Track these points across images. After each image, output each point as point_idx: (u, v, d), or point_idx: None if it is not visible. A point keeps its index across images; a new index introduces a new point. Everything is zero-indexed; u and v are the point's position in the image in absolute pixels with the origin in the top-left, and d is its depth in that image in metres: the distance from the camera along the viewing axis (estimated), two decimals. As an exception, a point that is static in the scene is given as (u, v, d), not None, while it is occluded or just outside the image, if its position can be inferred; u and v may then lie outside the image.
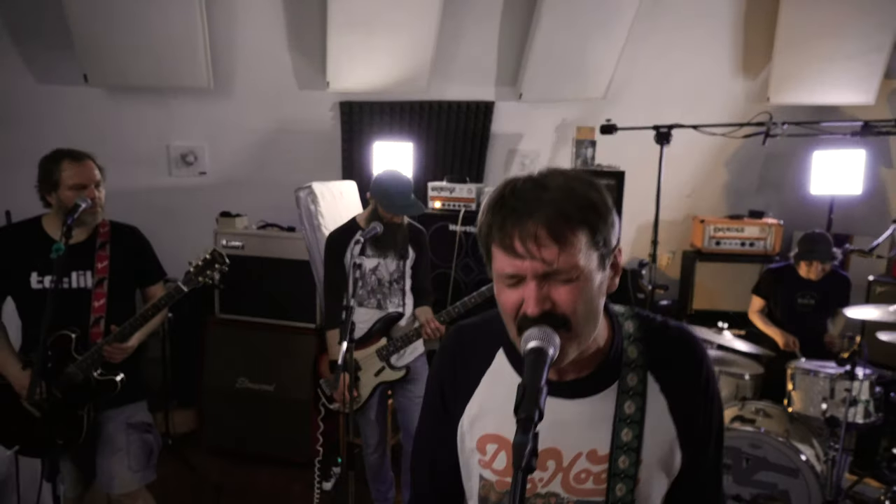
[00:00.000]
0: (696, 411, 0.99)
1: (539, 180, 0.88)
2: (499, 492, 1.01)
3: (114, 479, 2.24)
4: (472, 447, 1.03)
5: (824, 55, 4.02)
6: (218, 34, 3.34)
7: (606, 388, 0.97)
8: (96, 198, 2.15)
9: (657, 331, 1.02)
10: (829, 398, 2.83)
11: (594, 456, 0.97)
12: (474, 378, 1.04)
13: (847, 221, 4.58)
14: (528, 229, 0.83)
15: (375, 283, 2.68)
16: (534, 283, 0.85)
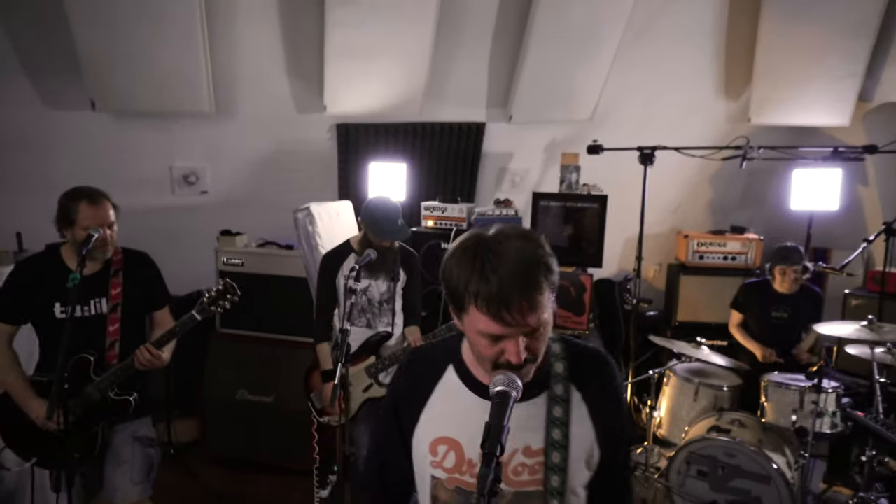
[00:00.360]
0: (610, 417, 1.19)
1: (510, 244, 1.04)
2: (448, 489, 1.19)
3: (117, 490, 2.36)
4: (425, 451, 1.20)
5: (801, 80, 4.20)
6: (220, 61, 3.49)
7: (538, 396, 1.16)
8: (108, 236, 2.27)
9: (578, 352, 1.23)
10: (799, 409, 2.99)
11: (529, 451, 1.16)
12: (426, 391, 1.22)
13: (826, 236, 4.76)
14: (514, 306, 1.01)
15: (366, 302, 2.81)
16: (518, 340, 1.04)
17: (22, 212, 3.43)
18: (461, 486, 1.17)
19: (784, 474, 2.93)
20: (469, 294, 1.03)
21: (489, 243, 1.04)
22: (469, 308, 1.05)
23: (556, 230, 3.45)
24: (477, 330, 1.06)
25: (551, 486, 1.13)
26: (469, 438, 1.15)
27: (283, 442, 3.62)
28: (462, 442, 1.17)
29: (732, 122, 4.67)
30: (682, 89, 4.55)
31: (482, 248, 1.04)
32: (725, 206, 5.19)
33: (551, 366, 1.18)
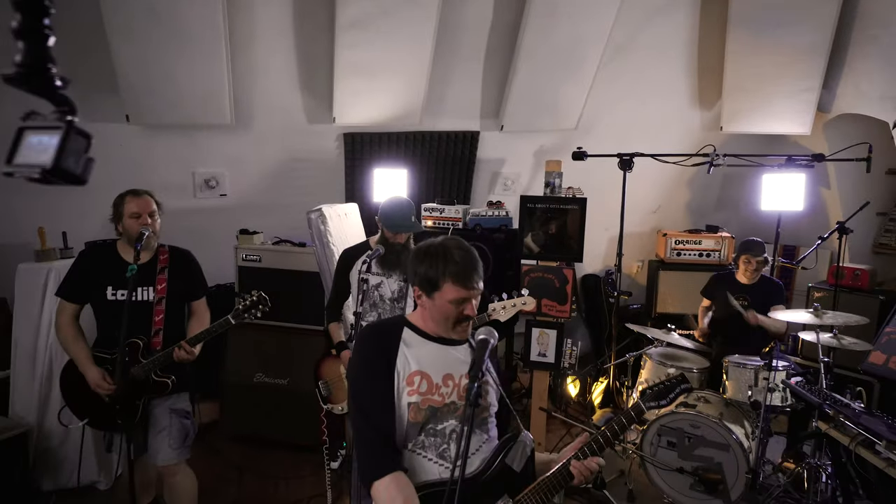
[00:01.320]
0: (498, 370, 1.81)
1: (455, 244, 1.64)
2: (421, 409, 1.60)
3: (158, 453, 2.75)
4: (403, 385, 1.61)
5: (766, 93, 4.62)
6: (240, 79, 3.88)
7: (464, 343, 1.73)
8: (149, 224, 2.67)
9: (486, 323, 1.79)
10: (754, 385, 3.39)
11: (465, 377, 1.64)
12: (393, 351, 1.64)
13: (793, 235, 5.18)
14: (473, 278, 1.60)
15: (378, 298, 2.97)
16: (472, 302, 1.62)
17: (63, 214, 3.81)
18: (432, 405, 1.61)
19: (742, 443, 3.33)
20: (444, 275, 1.58)
21: (444, 246, 1.63)
22: (443, 286, 1.58)
23: (542, 229, 3.84)
24: (448, 299, 1.59)
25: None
26: (434, 370, 1.63)
27: (297, 421, 3.99)
28: (430, 373, 1.63)
29: (706, 131, 5.08)
30: (660, 101, 4.96)
31: (441, 249, 1.62)
32: (702, 207, 5.61)
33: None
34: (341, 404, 3.07)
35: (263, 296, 2.74)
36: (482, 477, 1.59)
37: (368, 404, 1.60)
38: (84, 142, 0.84)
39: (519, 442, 1.60)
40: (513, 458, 1.58)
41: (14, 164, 0.80)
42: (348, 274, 3.05)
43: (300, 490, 3.61)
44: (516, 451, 1.59)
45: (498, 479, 1.59)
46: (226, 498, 3.52)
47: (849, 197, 4.92)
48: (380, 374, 1.61)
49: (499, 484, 1.58)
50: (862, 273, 4.68)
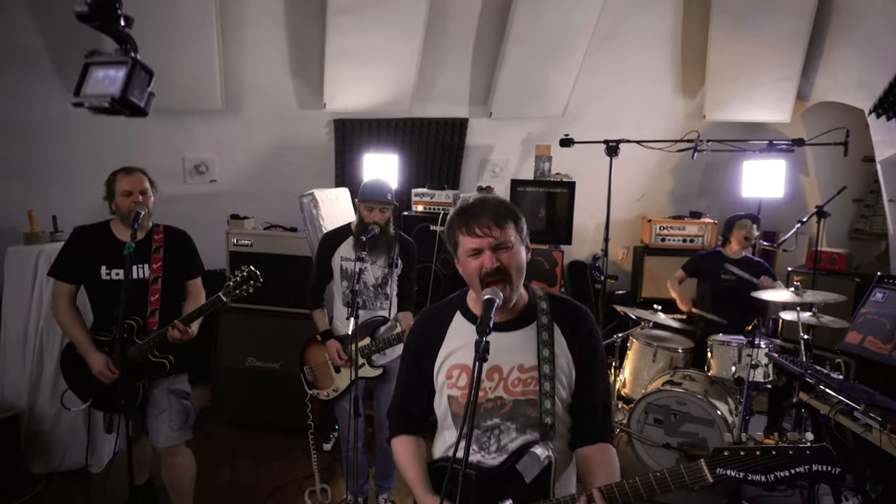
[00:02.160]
0: (582, 349, 1.55)
1: (481, 198, 1.50)
2: (461, 403, 1.53)
3: (159, 434, 2.74)
4: (443, 378, 1.55)
5: (747, 81, 4.74)
6: (230, 64, 3.88)
7: (527, 325, 1.54)
8: (142, 202, 2.64)
9: (561, 300, 1.62)
10: (737, 362, 3.51)
11: (522, 368, 1.51)
12: (441, 335, 1.58)
13: (773, 221, 5.32)
14: (482, 221, 1.42)
15: (361, 285, 2.91)
16: (489, 251, 1.43)
17: (52, 200, 3.78)
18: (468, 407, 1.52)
19: (726, 419, 3.43)
20: (456, 228, 1.47)
21: (472, 200, 1.50)
22: (459, 240, 1.46)
23: (532, 212, 3.91)
24: (464, 252, 1.46)
25: (544, 389, 1.48)
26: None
27: (289, 404, 3.96)
28: (471, 366, 1.44)
29: (690, 119, 5.19)
30: (645, 89, 5.06)
31: (467, 202, 1.50)
32: (685, 195, 5.73)
33: (537, 305, 1.56)
34: (326, 390, 3.04)
35: (254, 271, 2.72)
36: (496, 472, 1.49)
37: (404, 380, 1.68)
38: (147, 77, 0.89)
39: (531, 454, 1.43)
40: (524, 467, 1.43)
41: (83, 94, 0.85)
42: (330, 258, 3.00)
43: (292, 471, 3.64)
44: (528, 462, 1.43)
45: (509, 481, 1.45)
46: (218, 480, 3.54)
47: (826, 183, 5.07)
48: (418, 363, 1.61)
49: (510, 486, 1.45)
50: (839, 256, 4.84)
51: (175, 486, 2.88)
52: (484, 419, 1.52)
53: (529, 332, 1.54)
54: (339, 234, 3.03)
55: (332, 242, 3.01)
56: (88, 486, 3.42)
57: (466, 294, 1.62)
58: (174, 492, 2.90)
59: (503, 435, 1.52)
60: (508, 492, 1.44)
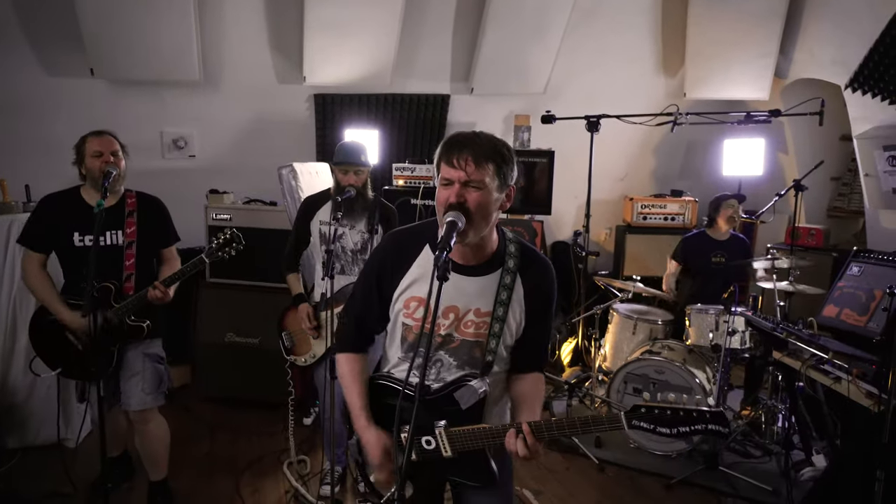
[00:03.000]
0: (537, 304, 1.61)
1: (476, 133, 1.49)
2: (413, 332, 1.60)
3: (131, 398, 2.71)
4: (401, 307, 1.60)
5: (726, 59, 4.78)
6: (208, 34, 3.85)
7: (493, 273, 1.57)
8: (112, 163, 2.58)
9: (529, 251, 1.63)
10: (715, 330, 3.53)
11: (478, 312, 1.57)
12: (406, 264, 1.59)
13: (754, 200, 5.35)
14: (462, 154, 1.41)
15: (339, 249, 2.87)
16: (458, 185, 1.43)
17: (22, 172, 3.72)
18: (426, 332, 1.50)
19: (704, 386, 3.46)
20: (440, 154, 1.47)
21: (468, 132, 1.48)
22: (441, 166, 1.47)
23: (511, 183, 3.90)
24: (439, 181, 1.48)
25: (493, 330, 1.56)
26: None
27: (269, 379, 3.95)
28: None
29: (670, 97, 5.21)
30: (625, 67, 5.08)
31: (462, 132, 1.48)
32: (667, 175, 5.77)
33: (506, 250, 1.59)
34: (304, 356, 3.03)
35: (237, 233, 2.70)
36: (433, 396, 1.57)
37: (360, 297, 1.69)
38: None
39: (469, 386, 1.53)
40: (461, 396, 1.53)
41: None
42: (308, 222, 2.98)
43: (272, 445, 3.62)
44: (465, 392, 1.53)
45: (445, 406, 1.54)
46: (196, 452, 3.51)
47: (805, 161, 5.12)
48: (378, 285, 1.63)
49: (445, 410, 1.54)
50: (817, 232, 4.90)
51: (148, 453, 2.85)
52: (431, 350, 1.58)
53: (493, 279, 1.57)
54: (318, 198, 3.02)
55: (312, 206, 2.99)
56: (64, 460, 3.36)
57: (436, 229, 1.58)
58: (147, 460, 2.87)
59: (444, 369, 1.61)
60: (443, 415, 1.54)
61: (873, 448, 1.85)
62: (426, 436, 1.54)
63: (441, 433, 1.52)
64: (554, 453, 3.58)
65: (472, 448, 1.52)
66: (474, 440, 1.51)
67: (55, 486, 3.00)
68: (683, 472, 3.28)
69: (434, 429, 1.52)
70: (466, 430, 1.51)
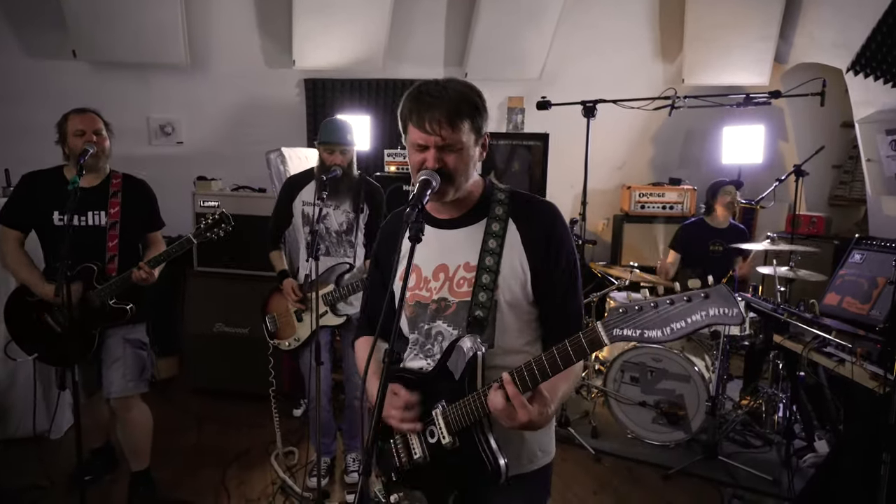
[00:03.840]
0: (542, 244, 1.37)
1: (443, 84, 1.34)
2: (409, 304, 1.44)
3: (112, 384, 2.61)
4: (397, 281, 1.39)
5: (725, 44, 4.69)
6: (194, 15, 3.75)
7: (478, 221, 1.40)
8: (96, 142, 2.50)
9: (524, 197, 1.44)
10: (713, 316, 3.43)
11: (468, 266, 1.38)
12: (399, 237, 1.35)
13: (753, 188, 5.25)
14: (434, 117, 1.26)
15: (324, 230, 2.80)
16: (434, 150, 1.30)
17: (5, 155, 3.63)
18: (419, 301, 1.43)
19: (703, 374, 3.37)
20: (407, 114, 1.31)
21: (433, 83, 1.34)
22: (408, 127, 1.32)
23: (504, 167, 3.82)
24: (410, 142, 1.34)
25: (481, 282, 1.35)
26: (425, 262, 1.40)
27: (259, 370, 3.85)
28: (420, 266, 1.42)
29: (668, 84, 5.09)
30: (623, 53, 4.99)
31: (425, 84, 1.32)
32: (666, 163, 5.67)
33: (493, 197, 1.41)
34: (288, 339, 2.94)
35: (226, 214, 2.62)
36: (431, 376, 1.37)
37: (369, 285, 1.66)
38: None
39: (458, 347, 1.31)
40: (453, 364, 1.31)
41: None
42: (291, 202, 2.90)
43: (260, 436, 3.53)
44: (456, 356, 1.31)
45: (443, 382, 1.34)
46: (183, 444, 3.42)
47: (806, 149, 5.00)
48: (379, 266, 1.57)
49: (443, 386, 1.33)
50: (818, 220, 4.81)
51: (129, 442, 2.77)
52: (428, 323, 1.43)
53: (479, 228, 1.40)
54: (302, 177, 2.92)
55: (295, 186, 2.91)
56: (39, 451, 3.25)
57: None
58: (129, 449, 2.79)
59: (445, 343, 1.41)
60: (442, 393, 1.33)
61: (879, 430, 1.76)
62: (429, 426, 1.34)
63: (437, 416, 1.32)
64: (549, 444, 3.50)
65: (467, 424, 1.28)
66: (467, 413, 1.28)
67: (35, 480, 2.90)
68: (682, 462, 3.20)
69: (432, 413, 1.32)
70: (458, 403, 1.29)
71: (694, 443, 3.39)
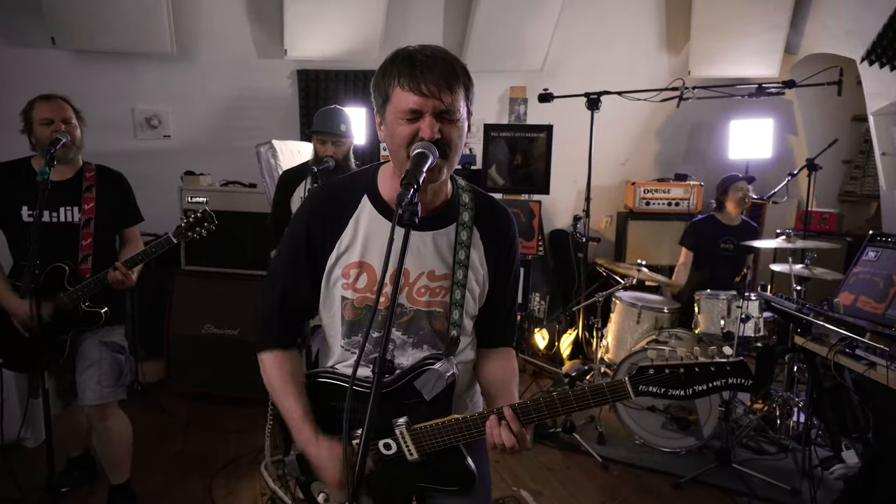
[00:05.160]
0: (502, 260, 1.36)
1: (433, 49, 1.19)
2: (357, 307, 1.30)
3: (86, 390, 2.42)
4: (339, 275, 1.29)
5: (733, 33, 4.53)
6: (181, 2, 3.58)
7: (447, 226, 1.30)
8: (64, 130, 2.31)
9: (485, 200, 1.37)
10: (727, 316, 3.28)
11: (432, 275, 1.29)
12: (342, 221, 1.28)
13: (762, 184, 5.10)
14: (432, 77, 1.12)
15: None
16: (430, 117, 1.14)
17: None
18: (369, 304, 1.28)
19: (714, 378, 3.21)
20: (393, 77, 1.15)
21: (417, 48, 1.19)
22: (393, 92, 1.16)
23: (506, 160, 3.66)
24: (398, 111, 1.16)
25: (455, 298, 1.28)
26: (380, 260, 1.16)
27: (249, 374, 3.69)
28: (374, 265, 1.27)
29: (674, 76, 4.93)
30: (627, 44, 4.83)
31: (411, 50, 1.18)
32: (671, 158, 5.51)
33: (459, 199, 1.32)
34: None
35: (209, 212, 2.44)
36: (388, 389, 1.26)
37: (286, 267, 1.35)
38: None
39: (432, 371, 1.25)
40: (423, 384, 1.26)
41: None
42: (289, 199, 2.78)
43: (251, 443, 3.36)
44: (429, 378, 1.25)
45: (404, 399, 1.27)
46: (168, 452, 3.25)
47: (816, 143, 4.87)
48: (308, 248, 1.30)
49: (404, 404, 1.27)
50: (830, 216, 4.65)
51: (106, 453, 2.58)
52: (379, 329, 1.27)
53: (447, 234, 1.30)
54: (297, 172, 2.79)
55: (290, 182, 2.78)
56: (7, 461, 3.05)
57: (375, 173, 1.32)
58: (106, 461, 2.60)
59: (397, 351, 1.32)
60: (404, 410, 1.26)
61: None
62: (384, 438, 1.26)
63: (403, 433, 1.24)
64: (554, 451, 3.34)
65: (443, 446, 1.24)
66: (444, 436, 1.24)
67: (5, 492, 2.72)
68: (694, 469, 3.04)
69: (393, 428, 1.24)
70: (434, 426, 1.24)
71: (706, 449, 3.23)
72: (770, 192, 4.49)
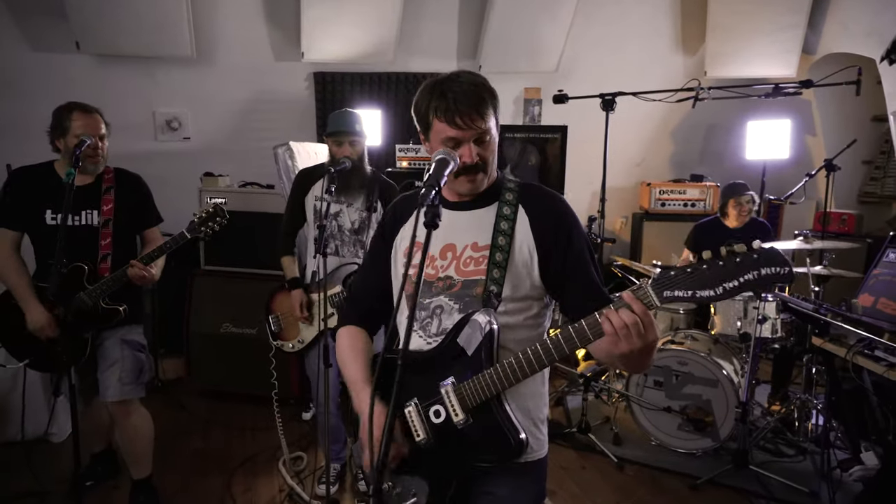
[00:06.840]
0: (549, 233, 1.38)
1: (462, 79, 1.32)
2: (413, 282, 1.37)
3: (108, 388, 2.48)
4: (401, 256, 1.48)
5: (749, 33, 4.50)
6: (200, 6, 3.64)
7: (490, 205, 1.42)
8: (99, 148, 2.41)
9: (534, 187, 1.47)
10: (743, 317, 3.26)
11: (475, 247, 1.40)
12: (406, 216, 1.50)
13: (779, 185, 5.06)
14: (464, 111, 1.28)
15: (335, 229, 2.70)
16: (470, 144, 1.31)
17: (4, 152, 3.54)
18: (426, 279, 1.42)
19: (731, 379, 3.19)
20: (432, 110, 1.31)
21: (447, 78, 1.33)
22: (433, 122, 1.32)
23: (521, 161, 3.66)
24: (440, 138, 1.32)
25: (494, 259, 1.37)
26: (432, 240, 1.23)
27: (267, 372, 3.76)
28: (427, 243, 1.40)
29: (689, 76, 4.90)
30: (642, 45, 4.81)
31: (441, 80, 1.33)
32: (686, 160, 5.49)
33: (504, 185, 1.45)
34: (291, 341, 2.82)
35: (221, 207, 2.48)
36: (434, 354, 1.35)
37: (370, 260, 1.61)
38: None
39: (472, 321, 1.30)
40: (465, 338, 1.30)
41: None
42: (303, 197, 2.78)
43: (268, 441, 3.40)
44: (469, 330, 1.30)
45: (450, 359, 1.32)
46: (188, 449, 3.30)
47: (835, 144, 4.81)
48: (384, 239, 1.53)
49: (452, 363, 1.31)
50: (849, 217, 4.60)
51: (129, 449, 2.63)
52: (429, 297, 1.42)
53: (490, 211, 1.42)
54: (314, 171, 2.79)
55: (306, 180, 2.78)
56: (46, 457, 3.16)
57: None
58: (128, 456, 2.65)
59: (445, 315, 1.41)
60: (450, 370, 1.31)
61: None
62: (434, 405, 1.31)
63: (448, 391, 1.29)
64: (569, 451, 3.34)
65: (487, 396, 1.26)
66: (487, 387, 1.26)
67: (32, 485, 2.79)
68: (710, 471, 3.02)
69: (440, 389, 1.29)
70: (476, 379, 1.27)
71: (722, 451, 3.21)
72: (787, 192, 4.47)
